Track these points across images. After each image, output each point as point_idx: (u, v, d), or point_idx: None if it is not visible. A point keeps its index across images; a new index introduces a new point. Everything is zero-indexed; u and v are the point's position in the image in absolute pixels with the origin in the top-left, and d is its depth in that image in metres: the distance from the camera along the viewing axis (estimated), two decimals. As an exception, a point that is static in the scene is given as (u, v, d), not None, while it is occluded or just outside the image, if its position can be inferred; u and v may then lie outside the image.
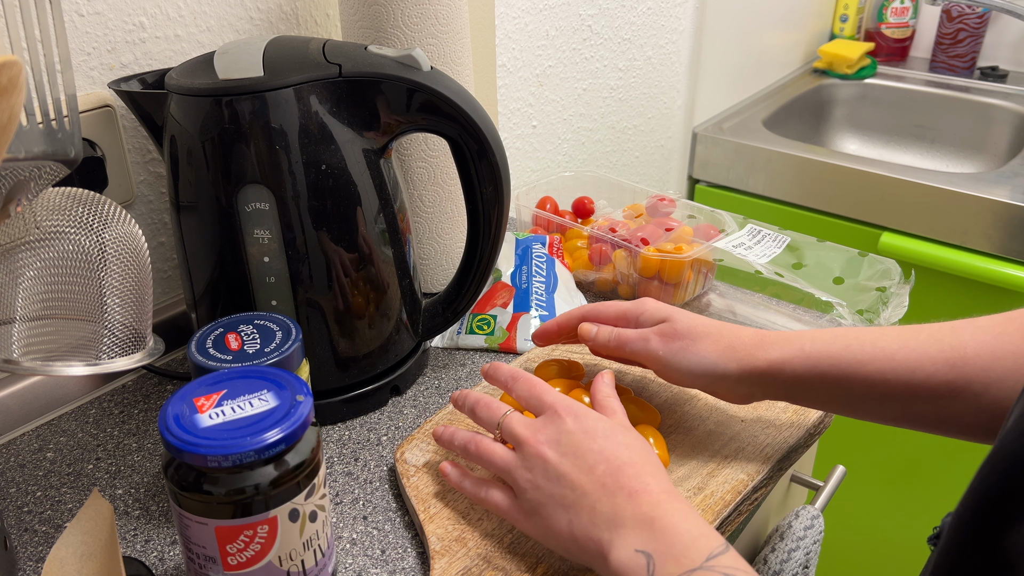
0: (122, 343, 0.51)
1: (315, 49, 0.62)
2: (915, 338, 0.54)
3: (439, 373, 0.75)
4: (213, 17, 0.77)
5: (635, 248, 0.82)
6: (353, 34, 0.75)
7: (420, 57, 0.62)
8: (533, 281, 0.83)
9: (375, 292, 0.66)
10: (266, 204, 0.60)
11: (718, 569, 0.45)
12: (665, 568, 0.45)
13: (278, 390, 0.47)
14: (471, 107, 0.63)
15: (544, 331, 0.69)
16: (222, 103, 0.59)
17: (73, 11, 0.68)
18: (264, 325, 0.57)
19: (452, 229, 0.83)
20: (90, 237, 0.49)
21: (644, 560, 0.46)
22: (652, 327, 0.62)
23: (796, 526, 0.75)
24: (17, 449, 0.67)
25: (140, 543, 0.58)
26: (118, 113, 0.72)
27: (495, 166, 0.66)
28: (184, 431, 0.44)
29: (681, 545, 0.46)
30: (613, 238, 0.84)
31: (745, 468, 0.60)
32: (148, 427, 0.69)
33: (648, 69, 1.43)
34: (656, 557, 0.46)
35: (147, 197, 0.77)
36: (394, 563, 0.56)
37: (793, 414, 0.65)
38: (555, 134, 1.30)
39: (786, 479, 0.84)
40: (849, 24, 1.94)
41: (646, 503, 0.48)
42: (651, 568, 0.46)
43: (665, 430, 0.64)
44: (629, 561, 0.47)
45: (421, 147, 0.78)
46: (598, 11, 1.27)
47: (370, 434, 0.68)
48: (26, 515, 0.60)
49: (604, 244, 0.85)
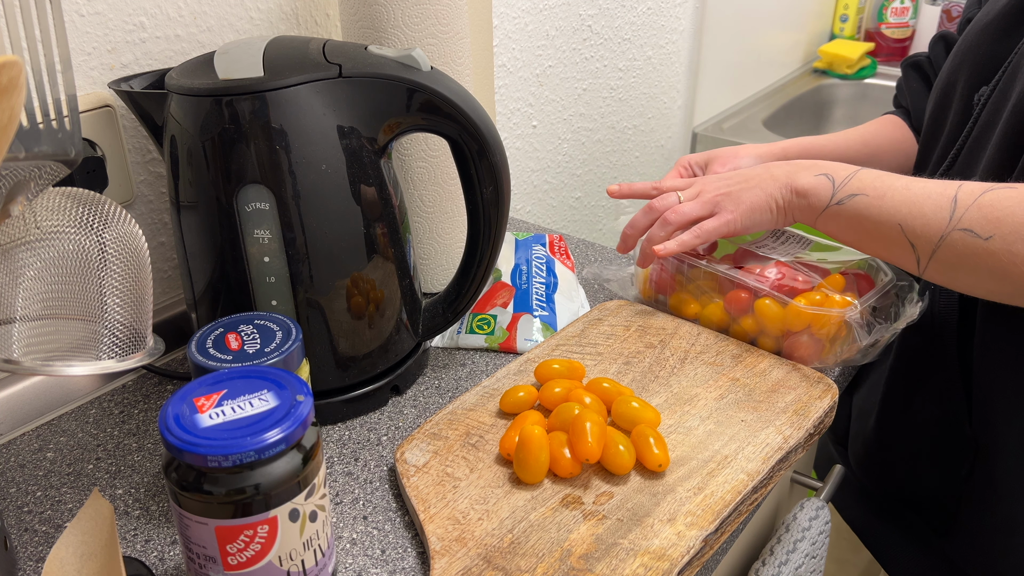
0: (122, 343, 0.51)
1: (315, 49, 0.62)
2: (845, 137, 0.89)
3: (439, 373, 0.75)
4: (213, 17, 0.77)
5: (783, 298, 0.71)
6: (353, 34, 0.75)
7: (420, 57, 0.62)
8: (533, 281, 0.83)
9: (375, 292, 0.66)
10: (266, 204, 0.60)
11: (864, 170, 0.68)
12: (838, 175, 0.68)
13: (278, 390, 0.47)
14: (471, 107, 0.63)
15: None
16: (222, 103, 0.59)
17: (73, 11, 0.68)
18: (264, 325, 0.57)
19: (452, 229, 0.83)
20: (90, 237, 0.49)
21: (824, 177, 0.68)
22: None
23: (801, 517, 0.75)
24: (17, 449, 0.67)
25: (140, 543, 0.58)
26: (118, 113, 0.72)
27: (495, 166, 0.66)
28: (184, 431, 0.44)
29: (842, 166, 0.69)
30: (759, 285, 0.72)
31: (745, 468, 0.60)
32: (148, 427, 0.69)
33: (648, 69, 1.43)
34: (830, 172, 0.69)
35: (147, 197, 0.77)
36: (394, 563, 0.56)
37: (793, 414, 0.65)
38: (555, 134, 1.30)
39: (786, 479, 0.84)
40: (849, 24, 1.95)
41: (802, 162, 0.71)
42: (831, 178, 0.68)
43: (665, 430, 0.64)
44: (816, 181, 0.69)
45: (421, 147, 0.78)
46: (598, 11, 1.27)
47: (370, 434, 0.68)
48: (26, 515, 0.60)
49: (744, 291, 0.73)
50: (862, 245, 0.68)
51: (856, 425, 0.85)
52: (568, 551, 0.54)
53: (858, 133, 0.90)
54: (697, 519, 0.56)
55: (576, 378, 0.68)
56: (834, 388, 0.68)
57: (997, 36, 0.72)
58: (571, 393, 0.65)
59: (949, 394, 0.73)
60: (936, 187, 0.63)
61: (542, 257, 0.87)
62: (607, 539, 0.54)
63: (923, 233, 0.62)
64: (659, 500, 0.57)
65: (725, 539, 0.58)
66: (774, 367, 0.71)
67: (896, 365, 0.78)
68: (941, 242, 0.61)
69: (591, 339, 0.76)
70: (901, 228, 0.63)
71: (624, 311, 0.80)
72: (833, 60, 1.82)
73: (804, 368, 0.71)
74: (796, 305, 0.70)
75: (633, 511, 0.57)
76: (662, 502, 0.57)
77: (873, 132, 0.89)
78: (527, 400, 0.66)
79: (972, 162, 0.71)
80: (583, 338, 0.76)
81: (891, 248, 0.65)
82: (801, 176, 0.69)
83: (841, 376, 0.75)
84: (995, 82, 0.70)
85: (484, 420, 0.66)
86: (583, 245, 0.97)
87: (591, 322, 0.78)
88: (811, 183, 0.69)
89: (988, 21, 0.74)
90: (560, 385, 0.65)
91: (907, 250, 0.64)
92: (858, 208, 0.66)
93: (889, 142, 0.88)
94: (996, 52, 0.71)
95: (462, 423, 0.66)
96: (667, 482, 0.59)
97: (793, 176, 0.70)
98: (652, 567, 0.52)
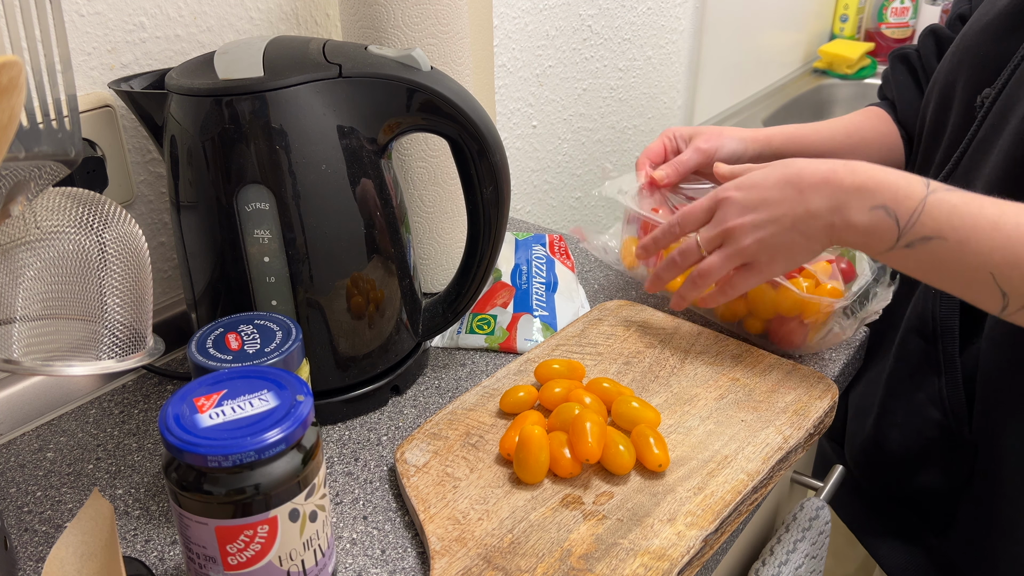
0: (122, 343, 0.51)
1: (315, 49, 0.62)
2: (830, 126, 0.86)
3: (439, 373, 0.75)
4: (213, 17, 0.77)
5: (779, 281, 0.70)
6: (353, 34, 0.75)
7: (420, 57, 0.62)
8: (533, 281, 0.83)
9: (375, 292, 0.66)
10: (266, 204, 0.60)
11: (939, 190, 0.57)
12: (901, 208, 0.57)
13: (278, 390, 0.47)
14: (471, 107, 0.63)
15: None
16: (222, 103, 0.59)
17: (73, 11, 0.68)
18: (264, 325, 0.57)
19: (452, 229, 0.83)
20: (90, 237, 0.49)
21: (882, 212, 0.57)
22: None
23: (801, 517, 0.75)
24: (17, 449, 0.67)
25: (140, 543, 0.58)
26: (118, 113, 0.72)
27: (495, 166, 0.66)
28: (184, 431, 0.44)
29: (900, 187, 0.57)
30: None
31: (745, 468, 0.60)
32: (148, 427, 0.69)
33: (648, 69, 1.43)
34: (890, 204, 0.57)
35: (147, 197, 0.77)
36: (394, 563, 0.56)
37: (793, 414, 0.65)
38: (555, 134, 1.30)
39: (786, 479, 0.84)
40: (849, 24, 1.95)
41: (843, 177, 0.59)
42: (892, 214, 0.57)
43: (665, 430, 0.64)
44: (872, 218, 0.58)
45: (421, 147, 0.78)
46: (598, 11, 1.27)
47: (370, 434, 0.68)
48: (26, 515, 0.60)
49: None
50: (935, 283, 0.60)
51: (853, 424, 0.84)
52: (568, 551, 0.54)
53: (843, 124, 0.88)
54: (697, 519, 0.56)
55: (576, 378, 0.68)
56: (834, 388, 0.68)
57: (998, 36, 0.71)
58: (571, 393, 0.65)
59: (950, 398, 0.73)
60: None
61: (542, 257, 0.87)
62: (607, 539, 0.54)
63: (1021, 286, 0.55)
64: (659, 500, 0.57)
65: (725, 539, 0.58)
66: (774, 367, 0.71)
67: (896, 366, 0.78)
68: None
69: (591, 339, 0.76)
70: (993, 277, 0.56)
71: (624, 311, 0.80)
72: (833, 60, 1.82)
73: (804, 368, 0.71)
74: (791, 290, 0.69)
75: (633, 511, 0.57)
76: (662, 502, 0.57)
77: (858, 124, 0.88)
78: (527, 400, 0.66)
79: (976, 166, 0.71)
80: (583, 338, 0.76)
81: (974, 290, 0.58)
82: (853, 212, 0.59)
83: (841, 376, 0.75)
84: (1000, 85, 0.70)
85: (484, 420, 0.66)
86: (583, 245, 0.97)
87: (591, 322, 0.78)
88: (867, 222, 0.59)
89: (987, 21, 0.73)
90: (560, 385, 0.65)
91: (995, 295, 0.57)
92: (935, 253, 0.57)
93: (874, 134, 0.87)
94: (997, 52, 0.71)
95: (462, 423, 0.66)
96: (667, 482, 0.59)
97: (843, 213, 0.60)
98: (652, 567, 0.52)
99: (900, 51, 0.90)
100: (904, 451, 0.78)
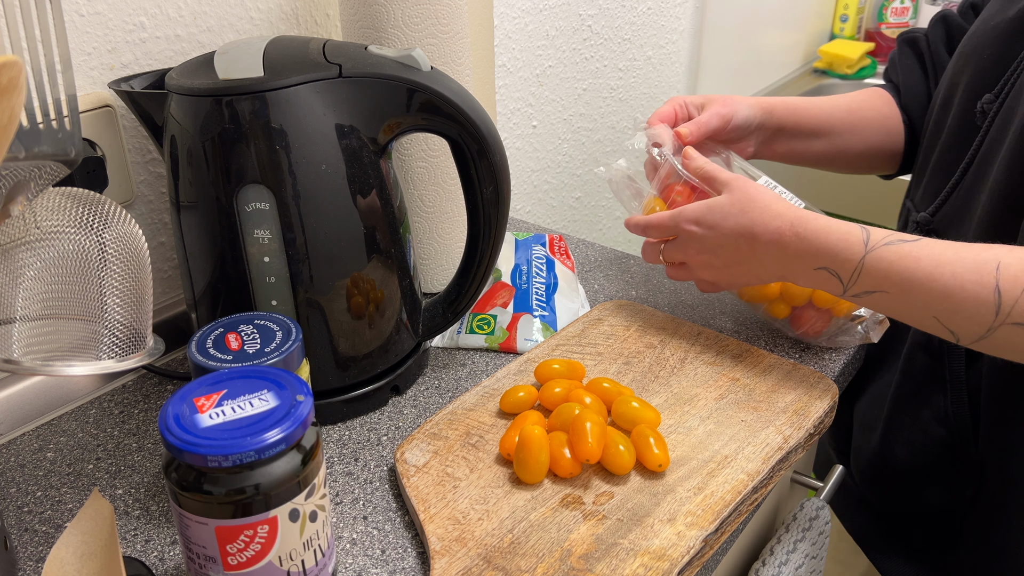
0: (122, 343, 0.51)
1: (315, 49, 0.62)
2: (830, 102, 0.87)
3: (439, 373, 0.75)
4: (213, 17, 0.77)
5: None
6: (353, 34, 0.75)
7: (420, 57, 0.62)
8: (533, 281, 0.83)
9: (375, 292, 0.66)
10: (266, 204, 0.60)
11: (877, 247, 0.60)
12: (842, 269, 0.61)
13: (278, 390, 0.47)
14: (471, 107, 0.63)
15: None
16: (222, 103, 0.59)
17: (73, 11, 0.68)
18: (264, 325, 0.57)
19: (452, 229, 0.83)
20: (90, 237, 0.49)
21: (825, 272, 0.62)
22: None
23: (801, 517, 0.75)
24: (17, 449, 0.67)
25: (140, 543, 0.58)
26: (118, 113, 0.72)
27: (495, 166, 0.66)
28: (184, 431, 0.44)
29: (840, 250, 0.61)
30: None
31: (745, 468, 0.60)
32: (148, 427, 0.69)
33: (648, 69, 1.43)
34: (831, 266, 0.61)
35: (147, 197, 0.77)
36: (394, 563, 0.56)
37: (793, 414, 0.65)
38: (555, 134, 1.30)
39: (786, 479, 0.84)
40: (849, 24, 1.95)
41: (789, 242, 0.63)
42: (835, 273, 0.61)
43: (665, 430, 0.64)
44: (817, 277, 0.62)
45: (421, 147, 0.78)
46: (598, 11, 1.27)
47: (370, 434, 0.68)
48: (26, 515, 0.60)
49: None
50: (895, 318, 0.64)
51: (859, 438, 0.84)
52: (568, 551, 0.54)
53: (845, 101, 0.88)
54: (697, 519, 0.56)
55: (576, 378, 0.68)
56: (834, 388, 0.68)
57: (1005, 39, 0.70)
58: (571, 393, 0.65)
59: (955, 416, 0.72)
60: (969, 274, 0.57)
61: (542, 257, 0.87)
62: (607, 539, 0.54)
63: (966, 327, 0.58)
64: (659, 500, 0.57)
65: (725, 539, 0.58)
66: (774, 367, 0.71)
67: (902, 381, 0.77)
68: (989, 333, 0.57)
69: (591, 339, 0.76)
70: (938, 320, 0.59)
71: (624, 311, 0.80)
72: (833, 60, 1.82)
73: (804, 368, 0.71)
74: None
75: (633, 511, 0.57)
76: (662, 502, 0.57)
77: (860, 102, 0.87)
78: (527, 400, 0.66)
79: (979, 179, 0.69)
80: (583, 338, 0.76)
81: (926, 327, 0.61)
82: (799, 274, 0.64)
83: (841, 376, 0.75)
84: (1002, 95, 0.68)
85: (484, 420, 0.66)
86: (583, 245, 0.97)
87: (591, 322, 0.78)
88: (813, 280, 0.64)
89: (996, 23, 0.71)
90: (560, 385, 0.65)
91: (945, 333, 0.60)
92: (880, 303, 0.61)
93: (875, 115, 0.87)
94: (1001, 55, 0.69)
95: (462, 423, 0.66)
96: (667, 482, 0.59)
97: (791, 273, 0.65)
98: (652, 567, 0.52)
99: (908, 34, 0.88)
100: (910, 467, 0.77)
